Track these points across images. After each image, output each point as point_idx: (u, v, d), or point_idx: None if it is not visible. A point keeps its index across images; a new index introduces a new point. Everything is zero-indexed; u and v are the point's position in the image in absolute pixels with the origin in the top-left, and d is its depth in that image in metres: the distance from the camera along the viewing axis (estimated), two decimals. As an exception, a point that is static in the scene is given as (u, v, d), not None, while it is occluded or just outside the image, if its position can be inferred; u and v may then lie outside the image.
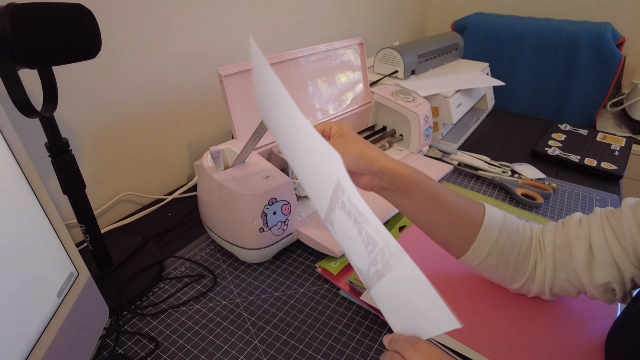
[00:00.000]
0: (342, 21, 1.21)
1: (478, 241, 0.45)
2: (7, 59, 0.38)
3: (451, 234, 0.46)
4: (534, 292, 0.48)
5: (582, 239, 0.43)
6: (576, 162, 0.88)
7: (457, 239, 0.46)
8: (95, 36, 0.43)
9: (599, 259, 0.42)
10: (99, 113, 0.69)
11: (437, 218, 0.46)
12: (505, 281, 0.49)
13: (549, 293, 0.47)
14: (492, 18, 1.47)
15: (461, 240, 0.46)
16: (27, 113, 0.41)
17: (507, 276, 0.47)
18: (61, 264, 0.39)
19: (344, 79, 0.82)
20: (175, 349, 0.48)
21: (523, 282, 0.47)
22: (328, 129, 0.49)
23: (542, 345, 0.45)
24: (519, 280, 0.47)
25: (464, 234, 0.46)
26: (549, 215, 0.72)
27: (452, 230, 0.46)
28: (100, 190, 0.72)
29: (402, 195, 0.45)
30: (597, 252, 0.42)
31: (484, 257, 0.46)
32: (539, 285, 0.46)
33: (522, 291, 0.49)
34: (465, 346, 0.45)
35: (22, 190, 0.35)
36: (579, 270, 0.43)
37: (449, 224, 0.46)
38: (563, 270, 0.45)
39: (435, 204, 0.45)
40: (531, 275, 0.46)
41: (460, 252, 0.47)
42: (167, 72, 0.77)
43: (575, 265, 0.43)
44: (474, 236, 0.45)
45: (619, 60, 1.26)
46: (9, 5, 0.38)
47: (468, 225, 0.45)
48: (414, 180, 0.45)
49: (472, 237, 0.45)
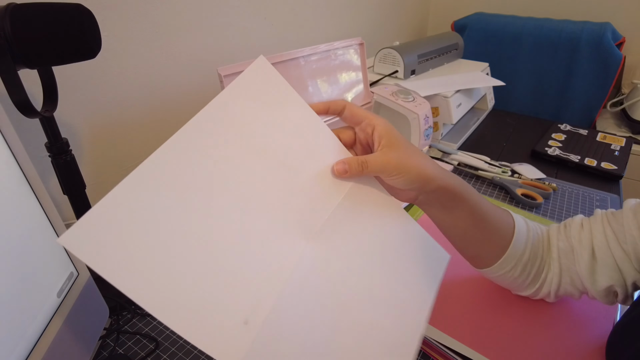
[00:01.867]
0: (342, 21, 1.21)
1: (506, 256, 0.43)
2: (7, 59, 0.38)
3: (481, 249, 0.45)
4: (539, 296, 0.48)
5: (585, 244, 0.43)
6: (576, 162, 0.88)
7: (486, 254, 0.45)
8: (95, 36, 0.43)
9: (601, 263, 0.41)
10: (99, 113, 0.68)
11: (473, 234, 0.43)
12: (519, 289, 0.48)
13: (554, 296, 0.47)
14: (492, 18, 1.47)
15: (490, 255, 0.44)
16: (27, 113, 0.41)
17: (525, 285, 0.47)
18: (61, 264, 0.39)
19: (344, 79, 0.82)
20: (175, 349, 0.48)
21: (536, 288, 0.47)
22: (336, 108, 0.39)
23: (542, 346, 0.45)
24: (533, 287, 0.47)
25: (494, 250, 0.44)
26: (549, 215, 0.72)
27: (483, 246, 0.44)
28: (100, 190, 0.72)
29: (446, 211, 0.41)
30: (599, 256, 0.42)
31: (508, 270, 0.44)
32: (546, 289, 0.46)
33: (530, 296, 0.49)
34: (465, 346, 0.45)
35: (22, 191, 0.35)
36: (581, 275, 0.43)
37: (483, 240, 0.43)
38: (567, 274, 0.45)
39: (475, 222, 0.42)
40: (543, 281, 0.46)
41: (484, 265, 0.46)
42: (167, 71, 0.77)
43: (578, 269, 0.43)
44: (503, 252, 0.43)
45: (619, 60, 1.26)
46: (9, 5, 0.38)
47: (499, 241, 0.44)
48: (462, 197, 0.40)
49: (501, 252, 0.43)
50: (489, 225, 0.42)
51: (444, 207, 0.40)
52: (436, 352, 0.46)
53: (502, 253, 0.43)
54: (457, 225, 0.42)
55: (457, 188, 0.39)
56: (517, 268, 0.44)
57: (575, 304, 0.50)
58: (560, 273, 0.45)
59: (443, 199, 0.39)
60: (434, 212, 0.42)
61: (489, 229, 0.42)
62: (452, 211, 0.41)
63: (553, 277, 0.45)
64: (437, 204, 0.40)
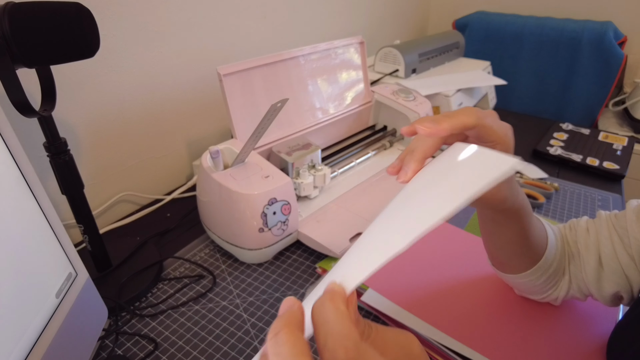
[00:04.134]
0: (342, 20, 1.21)
1: (537, 267, 0.43)
2: (6, 58, 0.38)
3: (518, 260, 0.44)
4: (547, 300, 0.48)
5: (592, 250, 0.42)
6: (578, 161, 0.87)
7: (518, 264, 0.44)
8: (93, 35, 0.43)
9: (607, 270, 0.41)
10: (98, 112, 0.68)
11: (515, 248, 0.42)
12: (532, 293, 0.48)
13: (561, 301, 0.47)
14: (493, 17, 1.46)
15: (520, 265, 0.44)
16: (26, 112, 0.41)
17: (541, 291, 0.46)
18: (60, 265, 0.39)
19: (344, 78, 0.81)
20: (174, 350, 0.48)
21: (548, 294, 0.46)
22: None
23: (543, 346, 0.45)
24: (546, 293, 0.46)
25: (526, 261, 0.44)
26: (551, 215, 0.72)
27: (521, 258, 0.44)
28: (99, 190, 0.72)
29: (498, 225, 0.40)
30: (605, 263, 0.41)
31: (533, 278, 0.44)
32: (555, 295, 0.46)
33: (538, 300, 0.49)
34: (465, 346, 0.44)
35: (21, 190, 0.35)
36: (587, 281, 0.43)
37: (522, 253, 0.43)
38: (575, 281, 0.45)
39: (522, 238, 0.41)
40: (556, 287, 0.46)
41: (509, 272, 0.45)
42: (166, 71, 0.76)
43: (584, 276, 0.43)
44: (535, 262, 0.43)
45: (621, 59, 1.25)
46: (7, 4, 0.37)
47: (533, 254, 0.43)
48: (519, 214, 0.38)
49: (534, 263, 0.43)
50: (530, 241, 0.42)
51: (496, 222, 0.40)
52: (436, 352, 0.46)
53: (534, 264, 0.43)
54: (501, 238, 0.42)
55: (516, 206, 0.37)
56: (542, 277, 0.44)
57: (577, 304, 0.50)
58: (569, 280, 0.45)
59: (499, 215, 0.39)
60: (487, 222, 0.42)
61: (528, 245, 0.42)
62: (502, 226, 0.40)
63: (563, 285, 0.45)
64: (492, 217, 0.40)
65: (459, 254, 0.59)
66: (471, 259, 0.58)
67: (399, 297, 0.51)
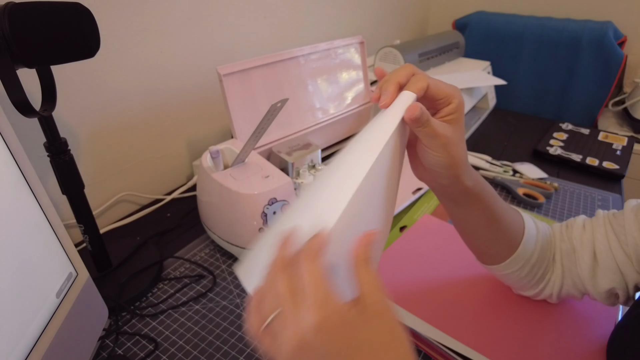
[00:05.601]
0: (342, 20, 1.21)
1: (514, 257, 0.44)
2: (6, 59, 0.38)
3: (490, 247, 0.45)
4: (542, 297, 0.48)
5: (587, 246, 0.43)
6: (578, 161, 0.87)
7: (495, 253, 0.45)
8: (93, 35, 0.43)
9: (602, 265, 0.41)
10: (98, 112, 0.68)
11: (485, 233, 0.43)
12: (523, 288, 0.48)
13: (556, 297, 0.47)
14: (493, 17, 1.46)
15: (498, 254, 0.45)
16: (26, 112, 0.41)
17: (529, 285, 0.47)
18: (60, 265, 0.39)
19: (344, 77, 0.82)
20: (174, 350, 0.48)
21: (539, 289, 0.47)
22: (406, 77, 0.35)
23: (543, 346, 0.45)
24: (536, 288, 0.47)
25: (504, 249, 0.44)
26: (551, 215, 0.72)
27: (494, 245, 0.44)
28: (99, 190, 0.72)
29: (459, 207, 0.41)
30: (600, 259, 0.41)
31: (515, 270, 0.45)
32: (549, 291, 0.46)
33: (532, 296, 0.49)
34: (466, 346, 0.44)
35: (21, 191, 0.35)
36: (583, 277, 0.43)
37: (494, 240, 0.44)
38: (569, 276, 0.45)
39: (487, 221, 0.42)
40: (547, 283, 0.46)
41: (491, 262, 0.46)
42: (166, 71, 0.76)
43: (579, 271, 0.43)
44: (512, 251, 0.44)
45: (621, 59, 1.25)
46: (8, 4, 0.37)
47: (509, 241, 0.44)
48: (480, 196, 0.40)
49: (511, 252, 0.44)
50: (500, 226, 0.42)
51: (457, 203, 0.41)
52: (436, 352, 0.46)
53: (511, 253, 0.44)
54: (468, 221, 0.43)
55: (478, 188, 0.39)
56: (524, 269, 0.44)
57: (577, 304, 0.50)
58: (562, 275, 0.45)
59: (463, 195, 0.39)
60: (447, 203, 0.42)
61: (499, 230, 0.43)
62: (465, 208, 0.41)
63: (556, 280, 0.45)
64: (456, 200, 0.41)
65: (459, 254, 0.59)
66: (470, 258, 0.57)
67: (398, 297, 0.51)
